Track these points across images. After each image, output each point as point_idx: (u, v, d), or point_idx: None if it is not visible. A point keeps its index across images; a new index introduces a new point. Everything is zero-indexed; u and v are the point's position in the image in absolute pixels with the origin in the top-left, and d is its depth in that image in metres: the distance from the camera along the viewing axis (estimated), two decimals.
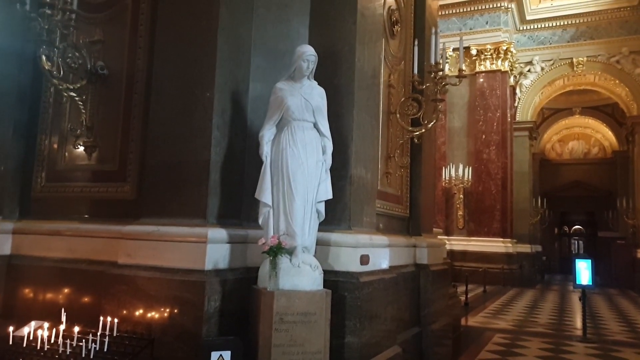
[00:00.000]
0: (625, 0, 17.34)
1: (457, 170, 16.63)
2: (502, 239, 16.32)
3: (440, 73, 4.54)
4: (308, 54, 3.27)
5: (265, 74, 3.73)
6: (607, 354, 6.36)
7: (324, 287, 3.25)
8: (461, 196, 16.88)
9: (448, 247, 16.55)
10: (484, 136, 16.86)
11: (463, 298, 10.78)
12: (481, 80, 17.10)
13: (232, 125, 3.53)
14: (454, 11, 17.26)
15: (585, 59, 17.82)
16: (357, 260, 3.57)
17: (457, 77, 4.68)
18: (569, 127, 26.39)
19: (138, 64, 3.68)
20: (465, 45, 17.21)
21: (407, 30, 5.38)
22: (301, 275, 3.07)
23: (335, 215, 3.66)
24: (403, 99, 4.89)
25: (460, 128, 17.49)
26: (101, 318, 2.88)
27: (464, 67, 4.61)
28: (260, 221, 3.25)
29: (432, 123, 4.67)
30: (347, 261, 3.55)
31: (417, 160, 5.40)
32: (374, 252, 3.80)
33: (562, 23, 18.10)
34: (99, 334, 2.74)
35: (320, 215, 3.34)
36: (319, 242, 3.49)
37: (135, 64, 3.71)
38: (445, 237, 16.80)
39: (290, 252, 3.10)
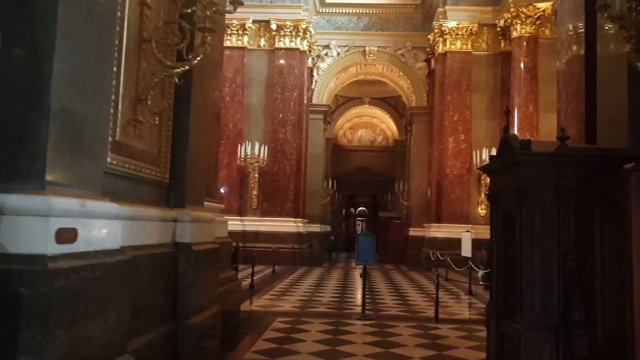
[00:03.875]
0: None
1: (252, 148, 16.01)
2: (294, 219, 16.27)
3: None
4: None
5: None
6: (382, 330, 6.19)
7: None
8: (256, 175, 16.33)
9: (241, 227, 15.87)
10: (280, 115, 16.54)
11: (249, 280, 10.11)
12: (280, 57, 16.71)
13: None
14: None
15: (376, 48, 18.78)
16: (52, 237, 2.28)
17: (231, 3, 3.66)
18: (359, 116, 28.21)
19: None
20: (266, 18, 16.64)
21: None
22: None
23: (16, 166, 2.30)
24: (162, 23, 3.68)
25: (258, 105, 16.90)
26: None
27: None
28: None
29: (198, 58, 3.59)
30: (33, 238, 2.24)
31: (185, 111, 4.24)
32: (89, 225, 2.55)
33: (357, 11, 18.75)
34: None
35: None
36: None
37: None
38: (239, 217, 16.11)
39: None
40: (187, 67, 3.64)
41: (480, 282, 10.93)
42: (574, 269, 2.80)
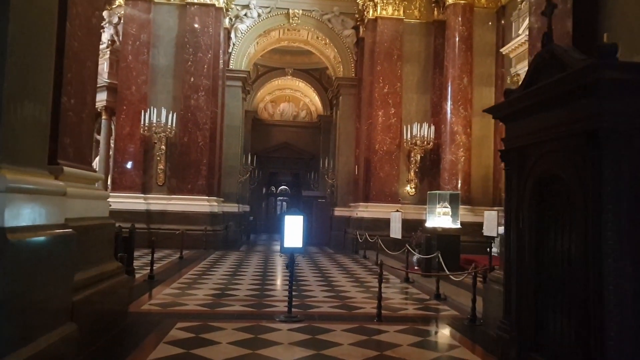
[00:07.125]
0: None
1: (159, 115, 13.89)
2: (207, 198, 14.44)
3: None
4: None
5: None
6: (315, 338, 4.78)
7: None
8: (163, 147, 14.26)
9: (145, 207, 13.78)
10: (192, 79, 14.50)
11: (148, 270, 8.34)
12: (193, 13, 14.60)
13: None
14: None
15: (300, 11, 17.18)
16: None
17: None
18: (282, 89, 26.53)
19: None
20: None
21: None
22: None
23: None
24: None
25: (166, 67, 14.73)
26: None
27: None
28: None
29: None
30: None
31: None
32: None
33: None
34: None
35: None
36: None
37: None
38: (142, 195, 14.03)
39: None
40: None
41: (416, 267, 9.90)
42: None
